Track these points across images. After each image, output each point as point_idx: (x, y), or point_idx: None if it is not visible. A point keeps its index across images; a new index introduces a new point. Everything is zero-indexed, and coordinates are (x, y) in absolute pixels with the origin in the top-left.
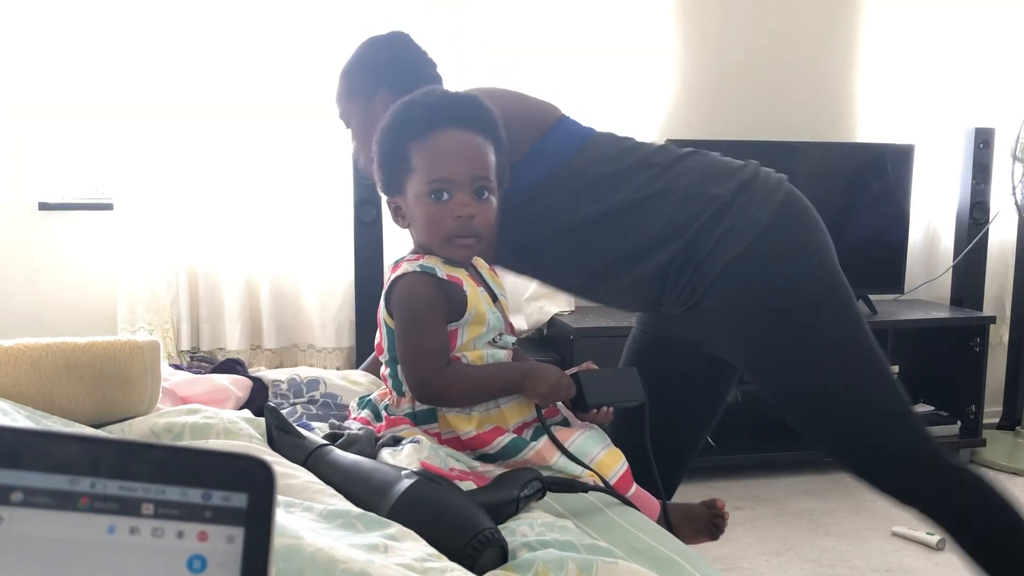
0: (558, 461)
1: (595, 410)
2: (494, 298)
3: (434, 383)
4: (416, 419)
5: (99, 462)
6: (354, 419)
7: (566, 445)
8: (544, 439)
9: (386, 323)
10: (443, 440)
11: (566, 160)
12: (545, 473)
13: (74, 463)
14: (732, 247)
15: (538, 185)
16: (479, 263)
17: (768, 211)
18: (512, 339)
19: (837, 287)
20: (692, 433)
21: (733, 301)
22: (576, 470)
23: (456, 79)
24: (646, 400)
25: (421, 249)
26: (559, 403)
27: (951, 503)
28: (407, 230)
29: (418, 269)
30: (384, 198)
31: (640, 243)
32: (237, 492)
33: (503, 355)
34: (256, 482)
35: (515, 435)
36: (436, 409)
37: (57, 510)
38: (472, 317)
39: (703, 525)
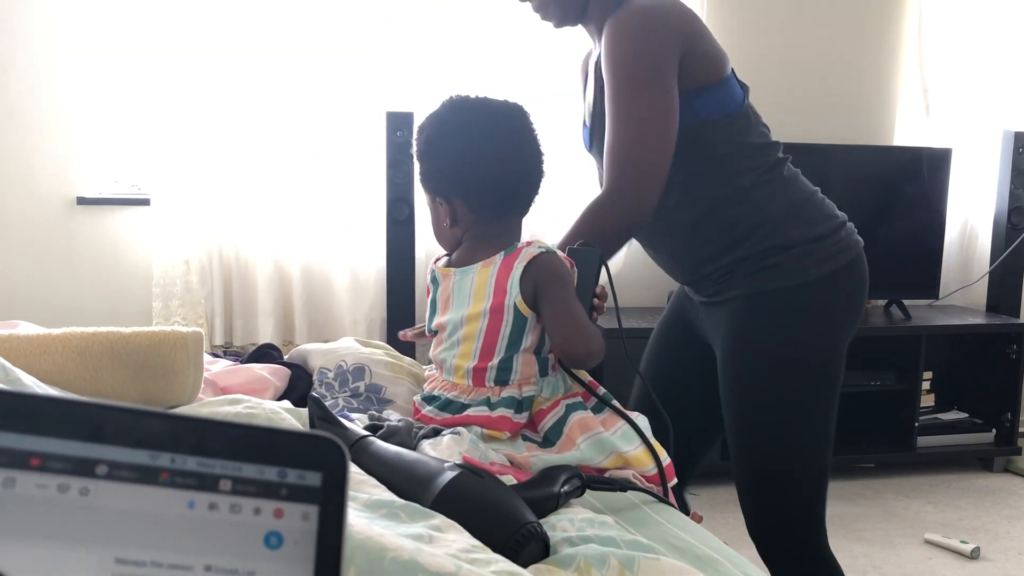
0: (583, 443)
1: (595, 312)
2: None
3: (599, 340)
4: (521, 406)
5: (179, 438)
6: (472, 416)
7: (614, 428)
8: (580, 414)
9: (517, 310)
10: (524, 424)
11: (706, 123)
12: (584, 444)
13: (155, 439)
14: (768, 282)
15: (686, 129)
16: None
17: (821, 270)
18: None
19: (837, 364)
20: (701, 426)
21: (740, 321)
22: (614, 447)
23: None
24: (596, 248)
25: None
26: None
27: None
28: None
29: (546, 248)
30: (434, 199)
31: (715, 230)
32: (312, 471)
33: None
34: (330, 461)
35: (558, 411)
36: (534, 395)
37: (139, 484)
38: None
39: None
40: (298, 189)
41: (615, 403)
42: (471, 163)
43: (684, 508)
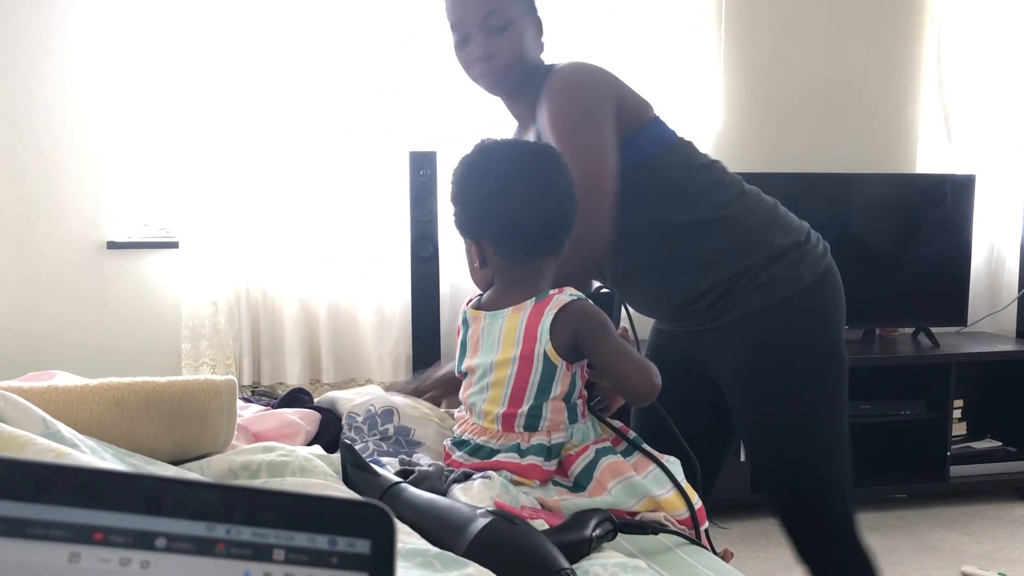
0: (614, 488)
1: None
2: None
3: (657, 377)
4: (551, 453)
5: (233, 509)
6: (501, 462)
7: (646, 472)
8: (610, 458)
9: (547, 358)
10: (553, 471)
11: (651, 157)
12: (615, 489)
13: (211, 510)
14: (773, 294)
15: (638, 168)
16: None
17: (812, 274)
18: None
19: (843, 361)
20: (708, 452)
21: (755, 337)
22: (646, 491)
23: None
24: (616, 293)
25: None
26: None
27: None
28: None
29: (576, 297)
30: (466, 242)
31: (695, 259)
32: (361, 538)
33: None
34: (378, 528)
35: (587, 456)
36: (564, 442)
37: (197, 555)
38: None
39: None
40: (323, 228)
41: (646, 447)
42: (495, 207)
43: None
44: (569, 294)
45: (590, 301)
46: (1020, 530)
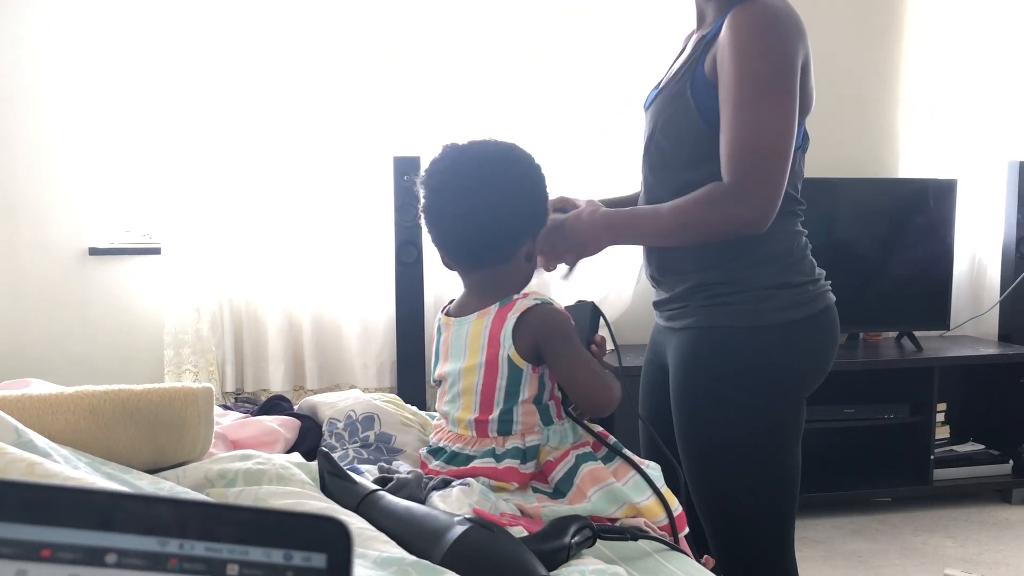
0: (594, 495)
1: (593, 344)
2: None
3: (615, 388)
4: (527, 455)
5: (187, 524)
6: (478, 468)
7: (626, 479)
8: (590, 465)
9: (512, 362)
10: (533, 475)
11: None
12: (595, 496)
13: (164, 525)
14: (723, 319)
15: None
16: None
17: (779, 317)
18: None
19: (788, 412)
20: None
21: (694, 353)
22: (626, 498)
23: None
24: (594, 303)
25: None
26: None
27: None
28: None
29: (540, 301)
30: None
31: (711, 246)
32: (317, 552)
33: None
34: (334, 542)
35: (567, 462)
36: (539, 445)
37: (149, 571)
38: None
39: None
40: (307, 234)
41: (626, 452)
42: (429, 219)
43: (701, 548)
44: (534, 298)
45: (554, 305)
46: (1003, 533)
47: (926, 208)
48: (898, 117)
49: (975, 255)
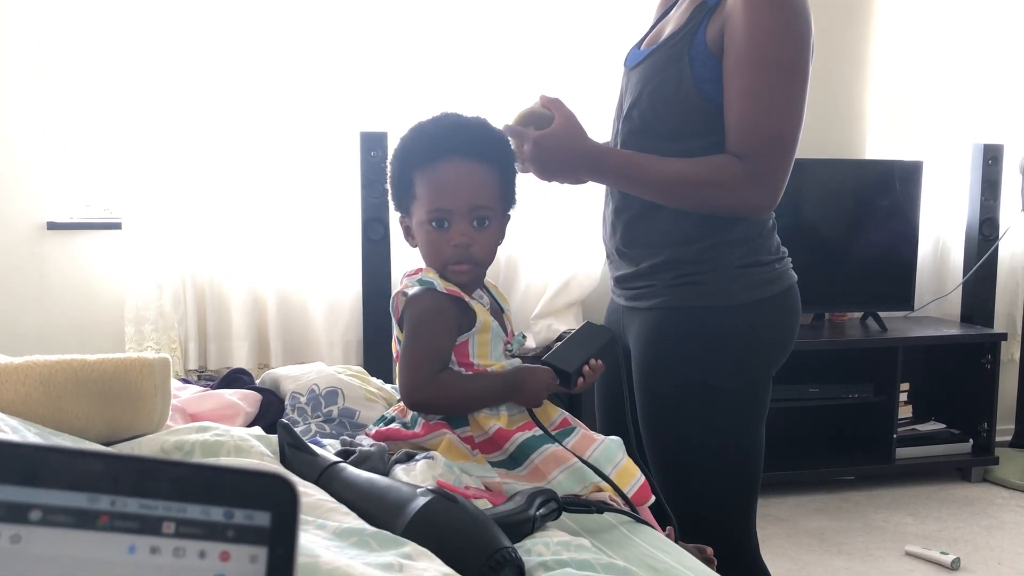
0: (559, 475)
1: (581, 378)
2: (500, 310)
3: (424, 388)
4: (452, 422)
5: (119, 479)
6: (381, 430)
7: (591, 449)
8: (562, 442)
9: (398, 338)
10: (475, 444)
11: None
12: (560, 476)
13: (93, 480)
14: (693, 299)
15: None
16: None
17: (748, 296)
18: (520, 339)
19: (754, 392)
20: None
21: (660, 335)
22: (593, 477)
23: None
24: (612, 333)
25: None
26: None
27: None
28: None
29: (417, 285)
30: (397, 216)
31: (677, 218)
32: (260, 511)
33: (518, 363)
34: (280, 500)
35: (536, 434)
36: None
37: (76, 528)
38: (480, 325)
39: None
40: (272, 210)
41: (572, 435)
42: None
43: (666, 519)
44: (417, 279)
45: (427, 291)
46: (962, 510)
47: (892, 190)
48: (865, 99)
49: (939, 237)
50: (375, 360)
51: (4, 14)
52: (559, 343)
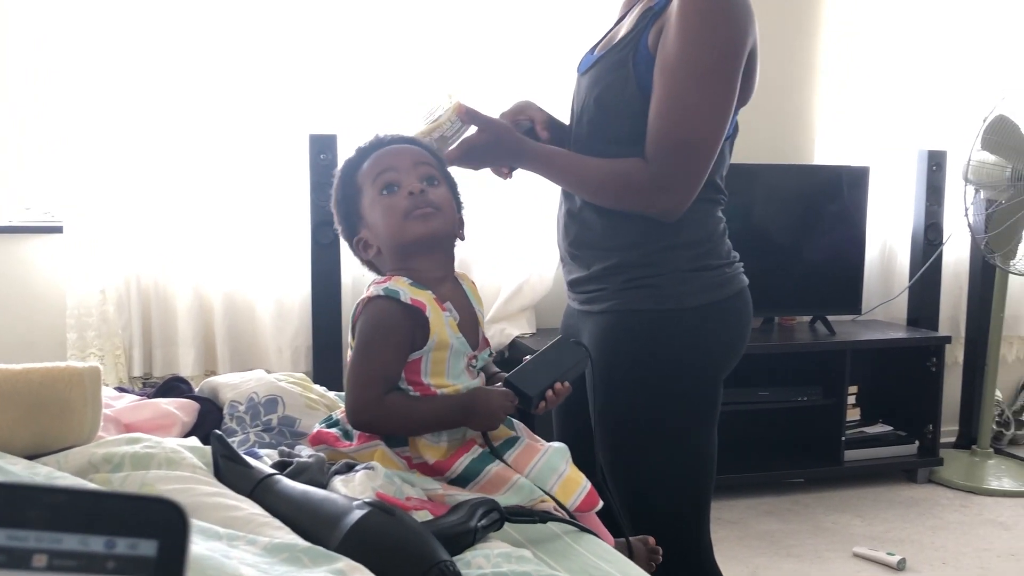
0: (519, 481)
1: (543, 402)
2: (475, 316)
3: (370, 409)
4: (389, 442)
5: None
6: (321, 431)
7: (532, 463)
8: (504, 455)
9: (351, 345)
10: (412, 464)
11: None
12: (507, 493)
13: None
14: (643, 302)
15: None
16: (463, 276)
17: (697, 300)
18: (487, 354)
19: (704, 394)
20: None
21: (612, 338)
22: (538, 492)
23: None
24: (587, 353)
25: (392, 270)
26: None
27: None
28: (377, 259)
29: (382, 293)
30: (351, 243)
31: (632, 222)
32: (145, 539)
33: (479, 383)
34: (167, 527)
35: (475, 456)
36: None
37: None
38: (435, 343)
39: (642, 562)
40: (219, 213)
41: (504, 458)
42: None
43: (618, 527)
44: (384, 288)
45: (388, 303)
46: (908, 511)
47: (839, 195)
48: (814, 105)
49: (886, 242)
50: (325, 365)
51: None
52: (527, 358)
